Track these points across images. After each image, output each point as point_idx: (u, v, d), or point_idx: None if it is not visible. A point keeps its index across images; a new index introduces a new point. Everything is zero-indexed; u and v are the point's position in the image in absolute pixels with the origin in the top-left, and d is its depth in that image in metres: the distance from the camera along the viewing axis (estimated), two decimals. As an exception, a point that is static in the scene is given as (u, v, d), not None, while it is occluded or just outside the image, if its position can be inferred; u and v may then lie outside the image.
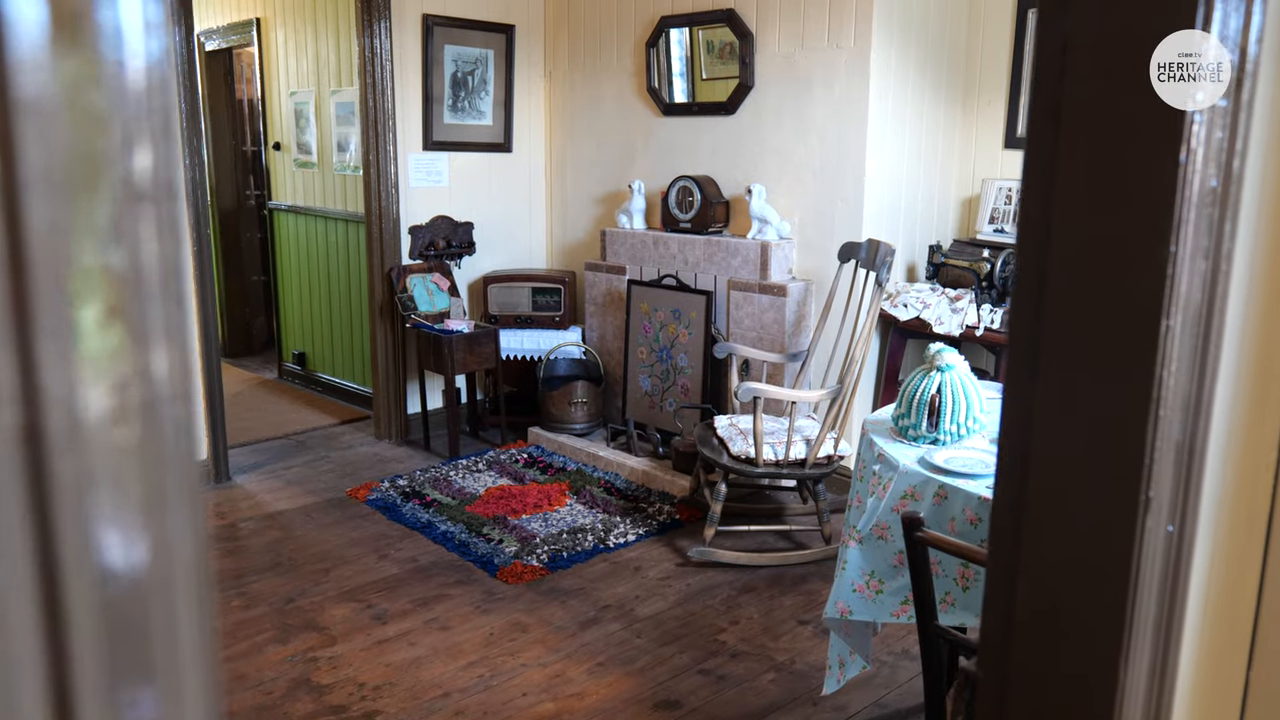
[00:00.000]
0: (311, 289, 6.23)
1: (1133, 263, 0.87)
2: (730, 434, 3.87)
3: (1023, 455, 0.97)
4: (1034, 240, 0.94)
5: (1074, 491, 0.95)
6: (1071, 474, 0.95)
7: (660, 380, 4.89)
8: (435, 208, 5.29)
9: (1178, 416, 0.90)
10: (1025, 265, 0.95)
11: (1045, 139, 0.92)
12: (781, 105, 4.48)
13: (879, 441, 2.60)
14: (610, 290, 5.15)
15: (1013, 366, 1.01)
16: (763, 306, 4.45)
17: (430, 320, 5.08)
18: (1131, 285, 0.88)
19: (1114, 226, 0.88)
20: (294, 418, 5.74)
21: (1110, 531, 0.93)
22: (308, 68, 5.89)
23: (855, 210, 4.27)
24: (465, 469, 4.79)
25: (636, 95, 5.12)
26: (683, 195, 4.77)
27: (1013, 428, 0.99)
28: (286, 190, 6.34)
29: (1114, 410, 0.91)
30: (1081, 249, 0.90)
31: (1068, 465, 0.95)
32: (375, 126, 4.96)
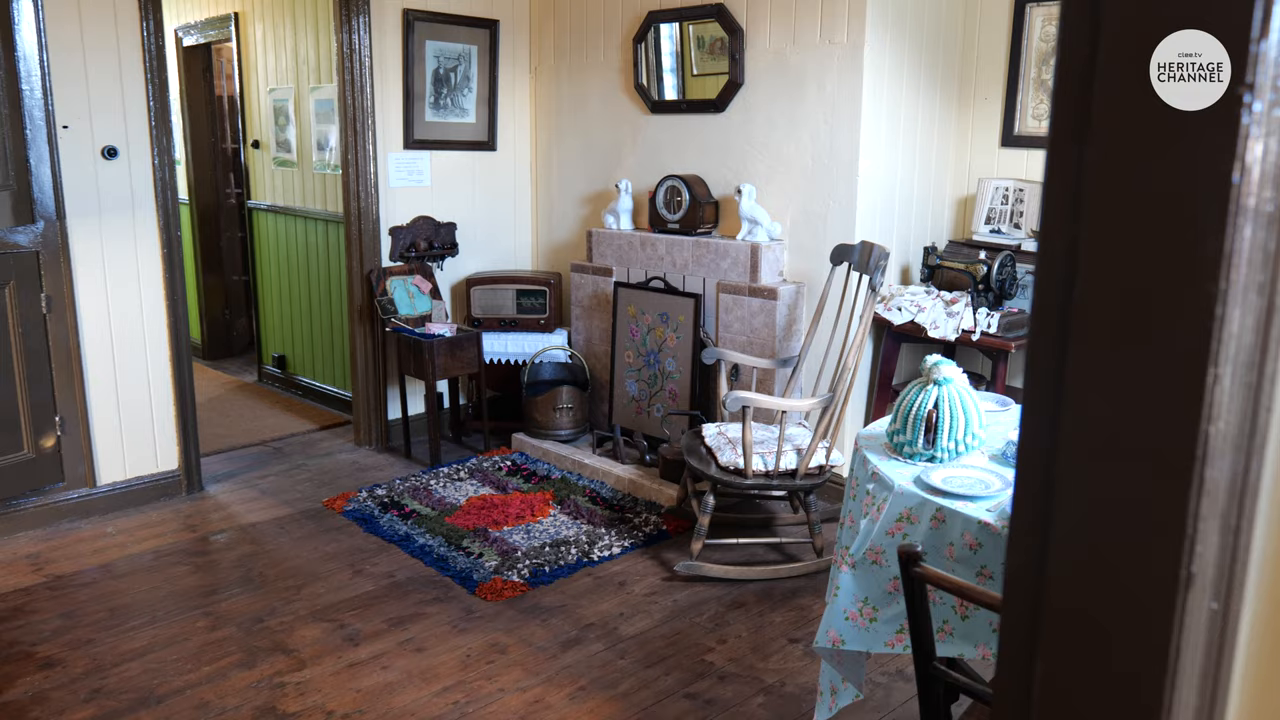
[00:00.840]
0: (291, 291, 6.08)
1: (1174, 303, 0.74)
2: (718, 443, 3.74)
3: (1040, 533, 0.84)
4: (1055, 279, 0.80)
5: (1102, 571, 0.81)
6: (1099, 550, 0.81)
7: (648, 385, 4.75)
8: (417, 208, 5.15)
9: (1225, 478, 0.77)
10: (1043, 310, 0.81)
11: (1068, 155, 0.78)
12: (772, 103, 4.34)
13: (872, 459, 2.47)
14: (597, 292, 5.01)
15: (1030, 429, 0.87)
16: (752, 310, 4.31)
17: (411, 324, 4.94)
18: (1172, 328, 0.74)
19: (1151, 259, 0.75)
20: (272, 423, 5.60)
21: (1145, 614, 0.80)
22: (287, 64, 5.74)
23: (848, 211, 4.13)
24: (446, 477, 4.64)
25: (624, 92, 4.98)
26: (671, 195, 4.63)
27: (1029, 499, 0.85)
28: (266, 189, 6.18)
29: (1150, 475, 0.77)
30: (1112, 287, 0.77)
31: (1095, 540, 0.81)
32: (354, 124, 4.81)
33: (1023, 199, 4.20)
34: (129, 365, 4.24)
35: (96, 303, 4.10)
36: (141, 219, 4.16)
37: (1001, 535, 2.06)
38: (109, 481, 4.25)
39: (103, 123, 4.00)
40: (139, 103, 4.08)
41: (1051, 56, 4.31)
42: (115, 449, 4.25)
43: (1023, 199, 4.20)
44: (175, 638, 3.22)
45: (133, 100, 4.07)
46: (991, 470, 2.37)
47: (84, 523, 4.15)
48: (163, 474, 4.41)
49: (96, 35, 3.94)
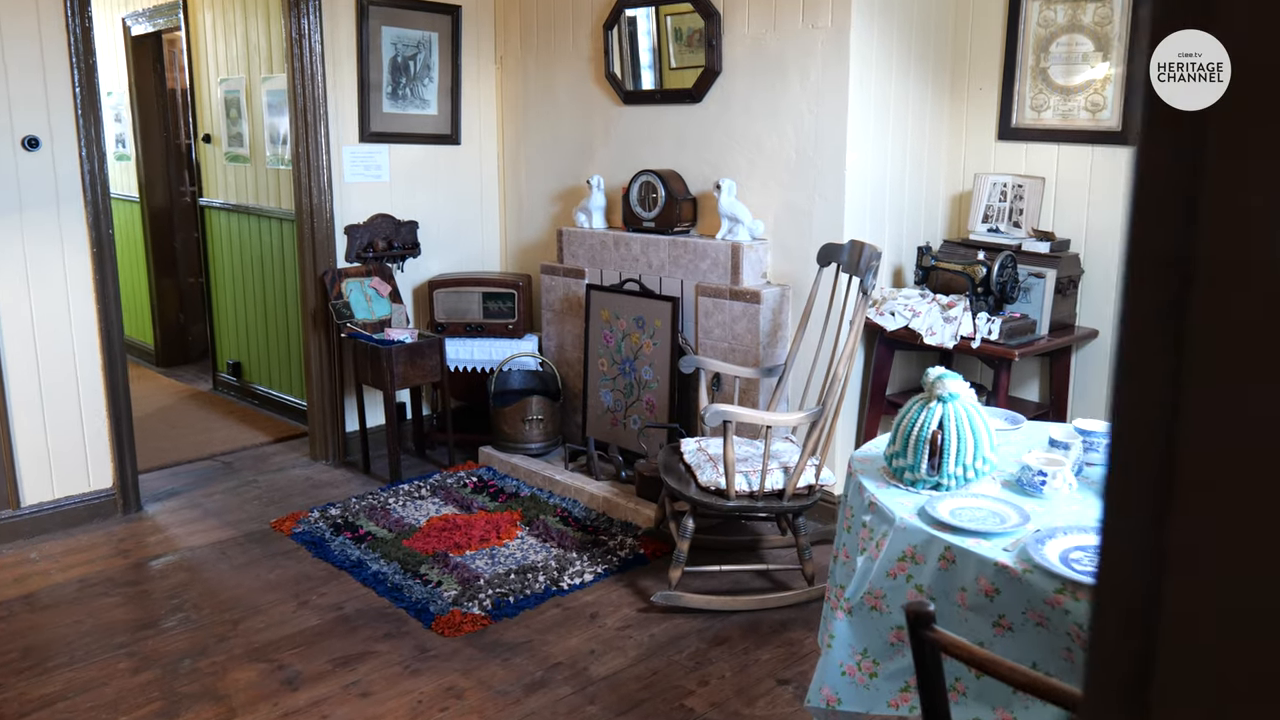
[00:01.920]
0: (246, 294, 5.73)
1: None
2: (698, 460, 3.43)
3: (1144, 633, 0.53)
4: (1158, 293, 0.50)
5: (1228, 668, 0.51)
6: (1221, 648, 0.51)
7: (623, 395, 4.44)
8: (374, 205, 4.82)
9: None
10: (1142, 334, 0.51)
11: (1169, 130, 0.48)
12: (752, 92, 4.04)
13: (869, 486, 2.17)
14: (568, 295, 4.70)
15: (1119, 492, 0.57)
16: (734, 315, 4.01)
17: (369, 329, 4.61)
18: None
19: None
20: (223, 435, 5.25)
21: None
22: (238, 52, 5.40)
23: (835, 208, 3.84)
24: (406, 495, 4.32)
25: (594, 82, 4.67)
26: (645, 191, 4.33)
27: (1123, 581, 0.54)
28: (219, 186, 5.84)
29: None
30: None
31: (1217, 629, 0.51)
32: (305, 116, 4.48)
33: (1022, 195, 3.92)
34: (56, 375, 3.89)
35: (17, 307, 3.76)
36: (68, 216, 3.82)
37: (1022, 580, 1.77)
38: (34, 502, 3.91)
39: (23, 112, 3.66)
40: (63, 90, 3.74)
41: (1051, 43, 4.06)
42: (41, 466, 3.91)
43: (1022, 195, 3.92)
44: (92, 682, 2.89)
45: (56, 88, 3.72)
46: (1005, 501, 2.07)
47: (6, 548, 3.80)
48: (95, 493, 4.07)
49: (13, 17, 3.60)
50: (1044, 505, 2.08)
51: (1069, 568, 1.75)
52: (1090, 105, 3.78)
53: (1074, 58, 3.81)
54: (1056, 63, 3.86)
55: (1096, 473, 2.26)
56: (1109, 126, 3.74)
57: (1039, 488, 2.12)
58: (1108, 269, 3.82)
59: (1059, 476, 2.12)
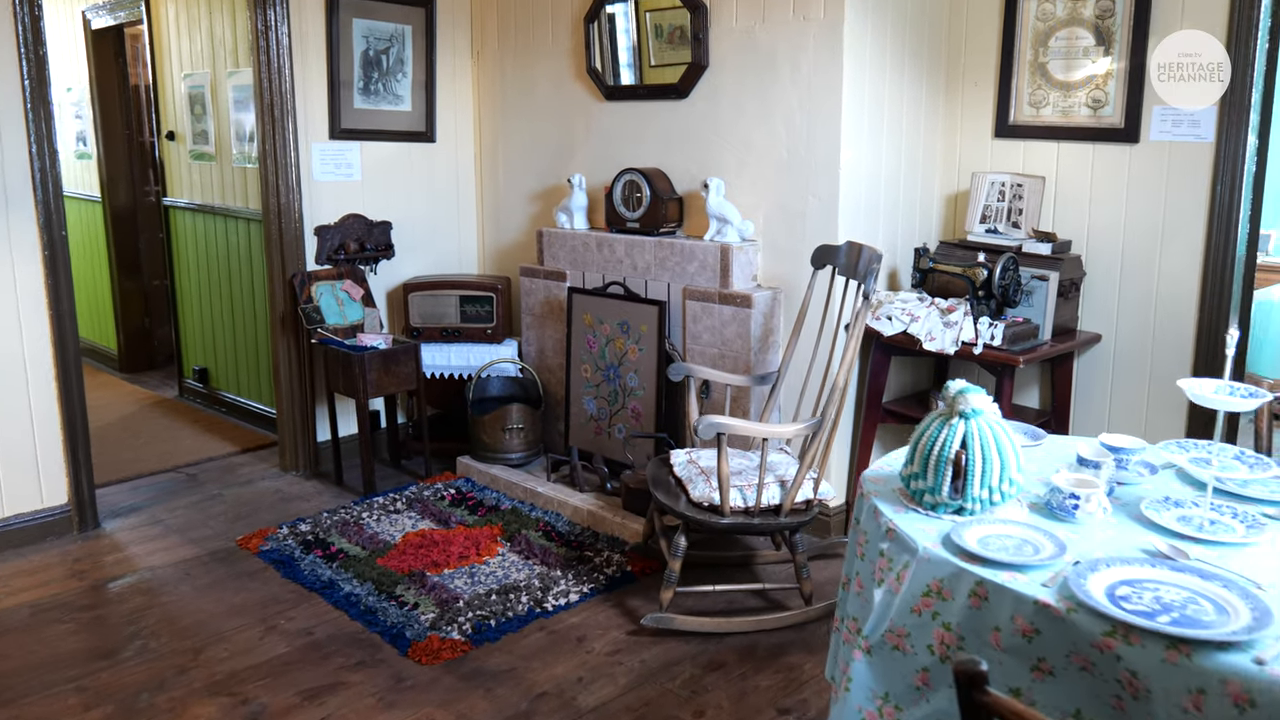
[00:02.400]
0: (213, 297, 5.50)
1: None
2: (689, 473, 3.26)
3: None
4: None
5: None
6: None
7: (607, 403, 4.26)
8: (346, 205, 4.61)
9: None
10: None
11: None
12: (741, 87, 3.87)
13: (886, 511, 2.01)
14: (549, 299, 4.51)
15: None
16: (724, 319, 3.84)
17: (341, 334, 4.40)
18: None
19: None
20: (189, 446, 5.02)
21: None
22: (202, 46, 5.17)
23: (829, 208, 3.68)
24: (381, 509, 4.12)
25: (575, 77, 4.49)
26: (629, 191, 4.15)
27: None
28: (183, 185, 5.60)
29: None
30: None
31: None
32: (272, 112, 4.27)
33: (1022, 195, 3.78)
34: (5, 386, 3.66)
35: (-36, 316, 3.53)
36: (17, 216, 3.59)
37: (1066, 620, 1.61)
38: (-17, 522, 3.68)
39: (-32, 106, 3.43)
40: (11, 85, 3.51)
41: (1050, 37, 3.91)
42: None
43: (1022, 195, 3.78)
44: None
45: (4, 82, 3.50)
46: (1036, 527, 1.91)
47: (-48, 572, 3.57)
48: (49, 510, 3.84)
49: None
50: (1078, 532, 1.92)
51: (1118, 606, 1.60)
52: (1091, 101, 3.64)
53: (1074, 52, 3.66)
54: (1056, 57, 3.71)
55: (1130, 493, 2.11)
56: (1111, 123, 3.60)
57: (1071, 512, 1.96)
58: (1111, 271, 3.68)
59: (1093, 500, 1.96)
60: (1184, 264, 3.50)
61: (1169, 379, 3.59)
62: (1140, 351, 3.65)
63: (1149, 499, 2.04)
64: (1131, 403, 3.70)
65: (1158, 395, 3.62)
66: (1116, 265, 3.67)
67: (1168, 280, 3.55)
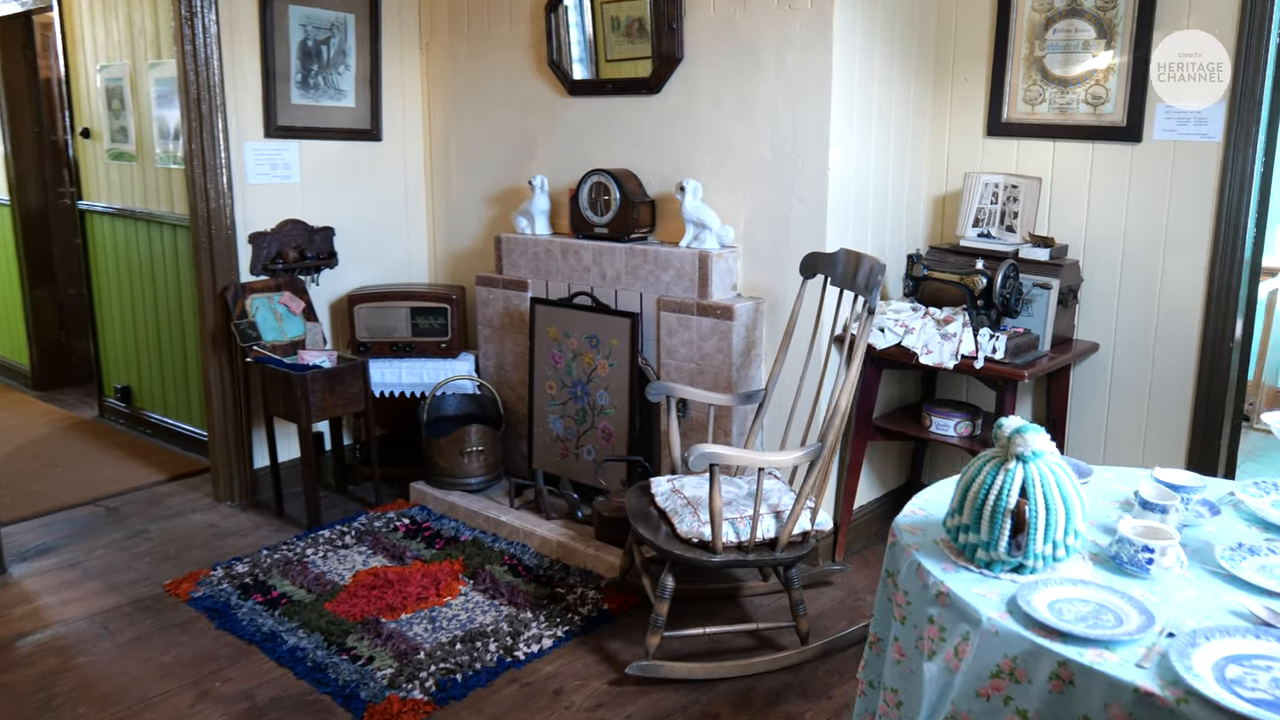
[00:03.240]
0: (136, 309, 5.06)
1: None
2: (673, 505, 2.96)
3: None
4: None
5: None
6: None
7: (575, 422, 3.94)
8: (283, 210, 4.22)
9: None
10: None
11: None
12: (719, 81, 3.59)
13: (934, 570, 1.73)
14: (509, 310, 4.18)
15: None
16: (703, 332, 3.55)
17: (279, 352, 4.02)
18: None
19: None
20: (110, 474, 4.58)
21: None
22: (120, 35, 4.73)
23: (816, 212, 3.41)
24: (327, 544, 3.75)
25: (535, 71, 4.16)
26: (597, 193, 3.84)
27: None
28: (101, 187, 5.15)
29: None
30: None
31: None
32: (199, 107, 3.87)
33: (1016, 197, 3.55)
34: (-105, 420, 3.23)
35: None
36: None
37: (1176, 712, 1.35)
38: None
39: None
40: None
41: (1047, 30, 3.69)
42: (-122, 530, 3.24)
43: (1016, 197, 3.55)
44: (-67, 819, 2.28)
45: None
46: (1111, 588, 1.65)
47: None
48: (-51, 557, 3.41)
49: None
50: (1156, 591, 1.66)
51: (1234, 693, 1.34)
52: (1091, 98, 3.42)
53: (1073, 45, 3.44)
54: (1054, 51, 3.49)
55: (1195, 538, 1.86)
56: (1112, 121, 3.38)
57: (1144, 567, 1.71)
58: (1110, 277, 3.47)
59: (1169, 553, 1.71)
60: (1188, 270, 3.30)
61: (1170, 391, 3.39)
62: (1140, 363, 3.45)
63: (1221, 546, 1.80)
64: (1130, 417, 3.49)
65: (1159, 409, 3.42)
66: (1116, 271, 3.46)
67: (1171, 287, 3.35)
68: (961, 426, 3.42)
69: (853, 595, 3.41)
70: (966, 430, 3.43)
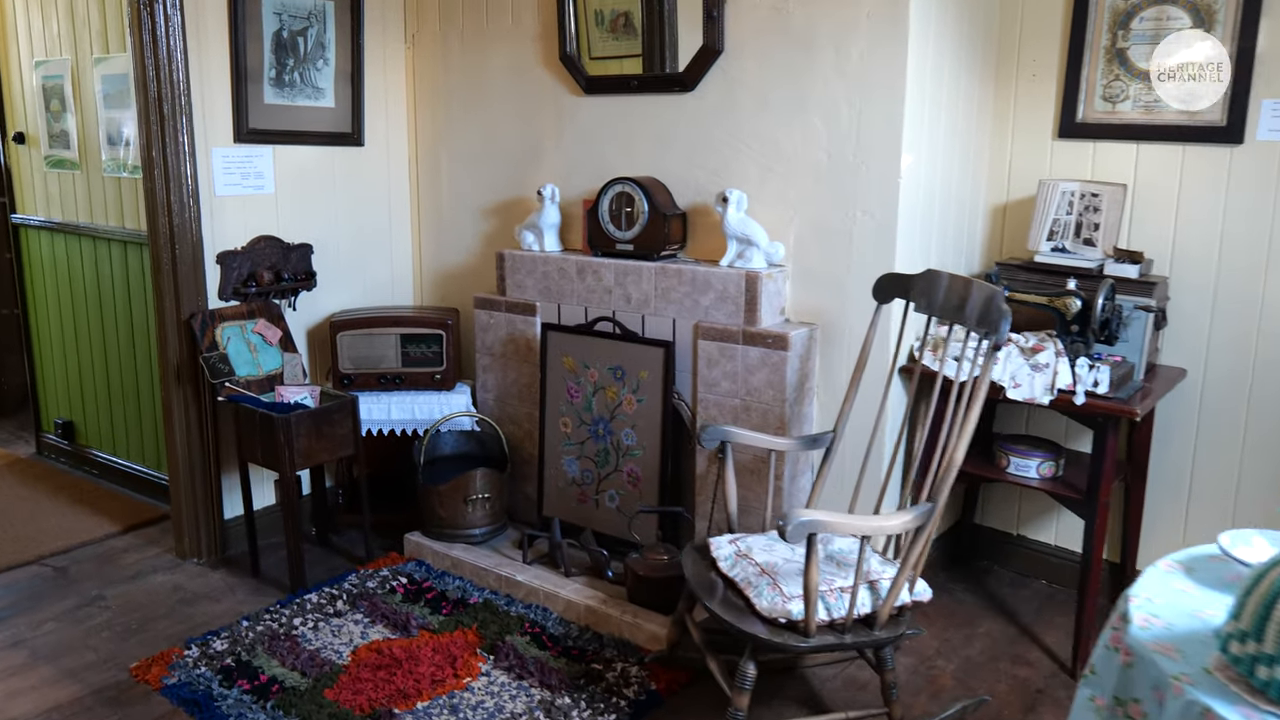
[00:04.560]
0: (79, 335, 4.48)
1: None
2: (744, 573, 2.52)
3: None
4: None
5: None
6: None
7: (595, 464, 3.49)
8: (256, 225, 3.70)
9: None
10: None
11: None
12: (766, 76, 3.16)
13: (1224, 713, 1.31)
14: (513, 336, 3.70)
15: None
16: (750, 364, 3.12)
17: (255, 388, 3.50)
18: None
19: None
20: (54, 525, 4.01)
21: None
22: (60, 26, 4.16)
23: (884, 226, 3.00)
24: (317, 611, 3.24)
25: (544, 66, 3.69)
26: (621, 205, 3.39)
27: None
28: (37, 199, 4.56)
29: None
30: None
31: None
32: (159, 108, 3.34)
33: (1097, 207, 3.18)
34: None
35: None
36: None
37: None
38: None
39: None
40: None
41: (1133, 18, 3.31)
42: None
43: (1097, 207, 3.18)
44: None
45: None
46: None
47: None
48: None
49: None
50: None
51: None
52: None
53: (1164, 35, 3.08)
54: (1140, 42, 3.12)
55: None
56: (1209, 120, 3.03)
57: None
58: (1201, 295, 3.11)
59: None
60: (1295, 288, 2.96)
61: (1269, 424, 3.04)
62: (1235, 393, 3.10)
63: None
64: (1220, 454, 3.14)
65: (1255, 447, 3.07)
66: (1208, 290, 3.11)
67: (1274, 308, 3.00)
68: (1044, 467, 3.03)
69: (925, 663, 3.00)
70: (1050, 471, 3.04)
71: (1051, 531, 3.52)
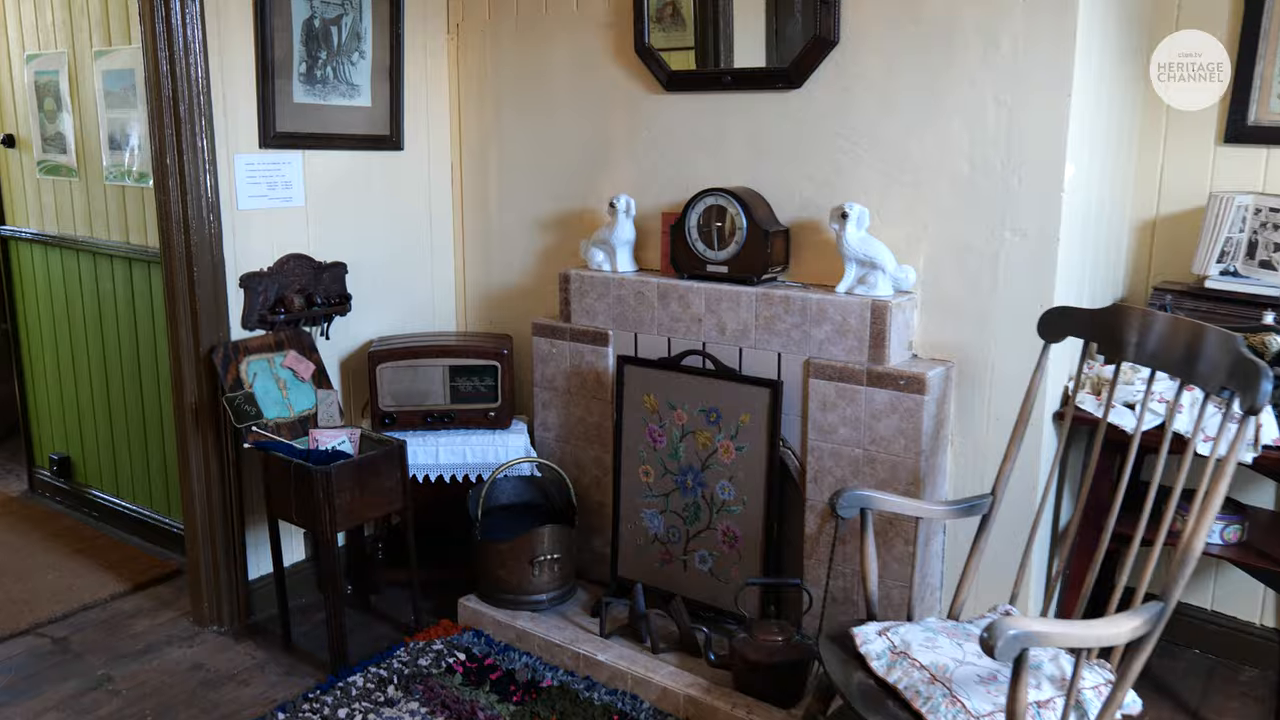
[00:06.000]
0: (77, 361, 4.00)
1: None
2: (908, 679, 2.05)
3: None
4: None
5: None
6: None
7: (683, 520, 3.02)
8: (284, 242, 3.22)
9: None
10: None
11: None
12: (892, 71, 2.69)
13: None
14: (579, 369, 3.23)
15: None
16: (875, 409, 2.65)
17: (286, 433, 3.02)
18: None
19: None
20: (50, 582, 3.53)
21: None
22: (55, 16, 3.67)
23: (1043, 247, 2.53)
24: (364, 697, 2.76)
25: (615, 60, 3.22)
26: (711, 219, 2.92)
27: None
28: (29, 209, 4.07)
29: None
30: None
31: None
32: (174, 109, 2.85)
33: (1278, 224, 2.72)
34: None
35: None
36: None
37: None
38: None
39: None
40: None
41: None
42: None
43: (1278, 224, 2.72)
44: None
45: None
46: None
47: None
48: None
49: None
50: None
51: None
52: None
53: (1362, 25, 2.62)
54: (1332, 32, 2.67)
55: None
56: None
57: None
58: (1400, 328, 2.65)
59: None
60: None
61: None
62: None
63: None
64: None
65: None
66: None
67: None
68: (1230, 531, 2.58)
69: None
70: (1236, 536, 2.58)
71: (1207, 595, 3.06)
